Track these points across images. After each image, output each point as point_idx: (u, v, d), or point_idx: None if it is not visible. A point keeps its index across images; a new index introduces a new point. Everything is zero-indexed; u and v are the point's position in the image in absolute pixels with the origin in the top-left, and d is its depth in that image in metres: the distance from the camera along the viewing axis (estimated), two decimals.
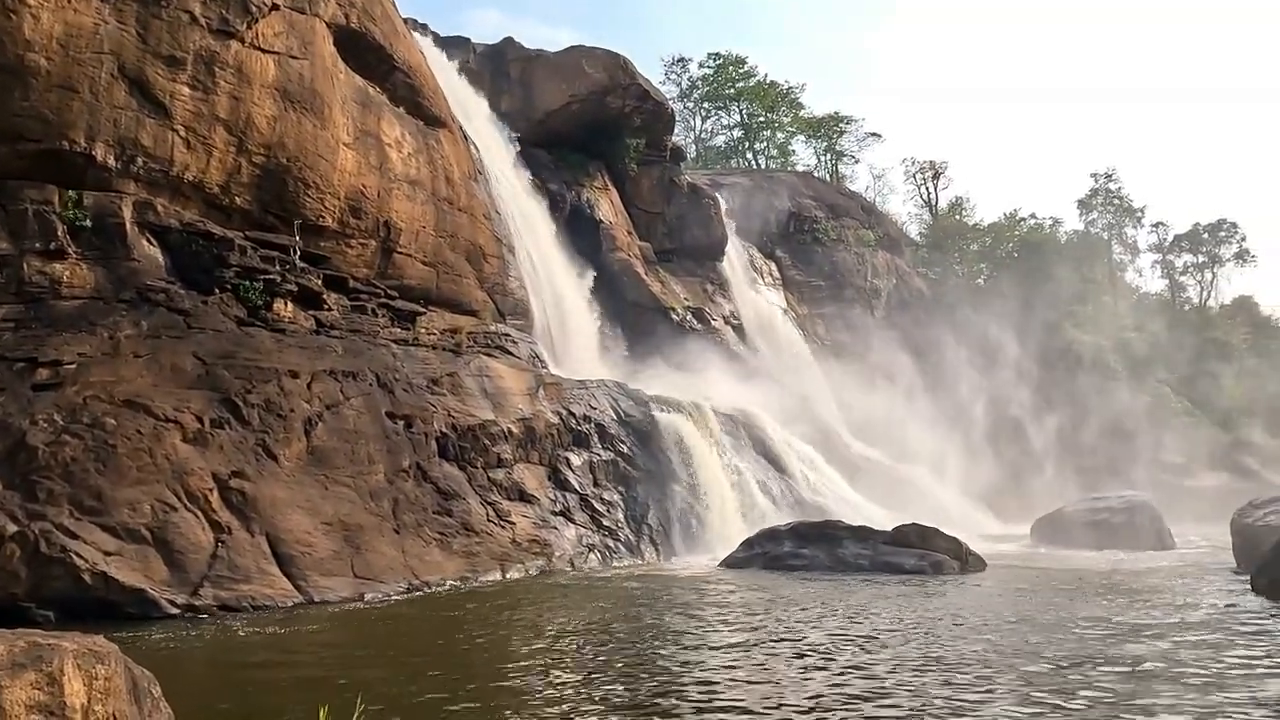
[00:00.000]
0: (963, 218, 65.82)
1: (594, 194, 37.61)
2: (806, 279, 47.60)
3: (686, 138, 60.96)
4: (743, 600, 14.83)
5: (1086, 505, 28.23)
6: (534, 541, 19.62)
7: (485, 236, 27.33)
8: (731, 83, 62.39)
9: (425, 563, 16.90)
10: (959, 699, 7.88)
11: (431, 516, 18.14)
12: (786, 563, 19.16)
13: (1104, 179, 67.16)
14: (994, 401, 43.80)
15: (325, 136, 21.72)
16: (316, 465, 16.88)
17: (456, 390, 21.52)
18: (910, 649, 10.26)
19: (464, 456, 20.07)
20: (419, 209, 24.60)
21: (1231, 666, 9.00)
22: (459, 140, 27.62)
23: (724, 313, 40.34)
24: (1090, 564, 20.65)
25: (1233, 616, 12.24)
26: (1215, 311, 69.40)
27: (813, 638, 11.01)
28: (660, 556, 21.99)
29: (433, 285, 25.26)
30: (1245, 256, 70.61)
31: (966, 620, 12.35)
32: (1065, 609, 13.20)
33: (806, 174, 58.55)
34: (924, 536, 19.38)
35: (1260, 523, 18.37)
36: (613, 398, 25.07)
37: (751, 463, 26.91)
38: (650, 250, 39.27)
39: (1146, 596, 14.49)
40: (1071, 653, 9.76)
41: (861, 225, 52.09)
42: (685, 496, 23.76)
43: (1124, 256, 70.41)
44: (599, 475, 22.84)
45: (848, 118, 64.44)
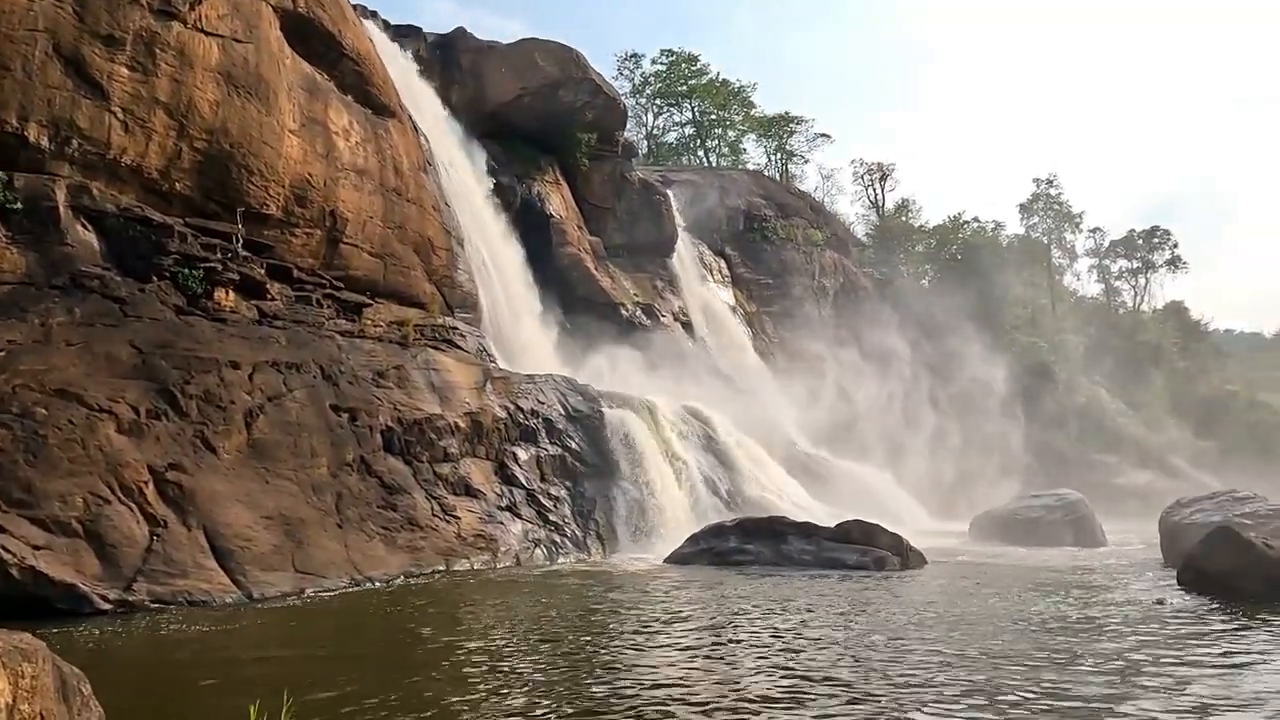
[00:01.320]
0: (909, 219, 66.95)
1: (545, 188, 37.43)
2: (755, 277, 47.99)
3: (638, 134, 61.04)
4: (687, 597, 14.91)
5: (1022, 503, 28.96)
6: (480, 536, 19.50)
7: (434, 228, 27.04)
8: (684, 80, 62.58)
9: (368, 557, 16.69)
10: (900, 693, 8.03)
11: (376, 511, 17.91)
12: (732, 558, 19.30)
13: (1045, 184, 68.85)
14: (935, 400, 44.64)
15: (270, 123, 21.29)
16: (257, 458, 16.56)
17: (403, 383, 21.27)
18: (851, 645, 10.42)
19: (410, 450, 19.85)
20: (366, 199, 24.24)
21: (1158, 658, 9.31)
22: (408, 130, 27.28)
23: (673, 309, 40.47)
24: (1026, 560, 21.18)
25: (1159, 611, 12.65)
26: (1148, 316, 71.65)
27: (756, 634, 11.12)
28: (606, 552, 22.01)
29: (380, 277, 24.92)
30: (1177, 263, 73.06)
31: (907, 616, 12.58)
32: (1002, 604, 13.52)
33: (757, 173, 59.01)
34: (866, 533, 19.67)
35: (1186, 520, 19.03)
36: (561, 393, 25.00)
37: (699, 459, 27.04)
38: (601, 245, 39.23)
39: (1078, 592, 14.90)
40: (1007, 647, 10.00)
41: (810, 225, 52.66)
42: (632, 492, 23.80)
43: (1063, 260, 72.32)
44: (546, 470, 22.77)
45: (798, 118, 65.21)
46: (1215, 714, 7.25)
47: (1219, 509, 19.15)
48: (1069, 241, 71.85)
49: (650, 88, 63.19)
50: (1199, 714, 7.25)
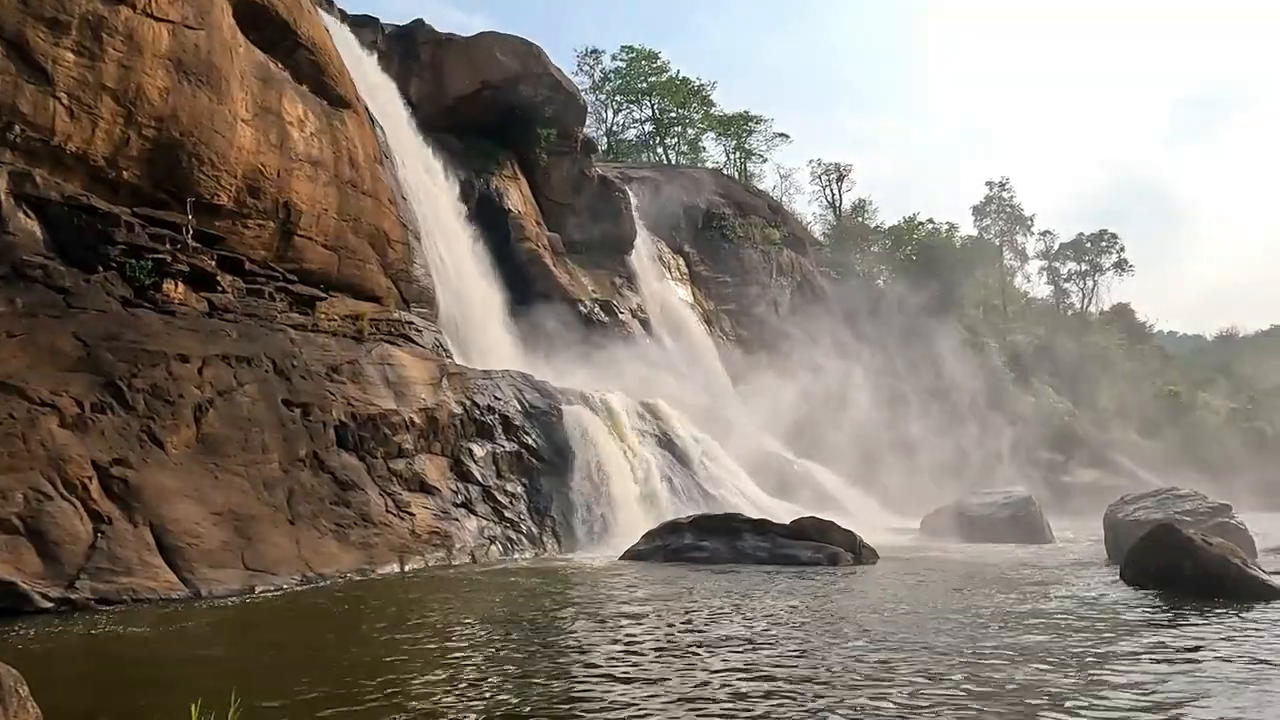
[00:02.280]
0: (865, 220, 67.71)
1: (503, 183, 37.22)
2: (713, 275, 48.21)
3: (598, 130, 60.89)
4: (643, 593, 14.94)
5: (973, 500, 29.45)
6: (434, 533, 19.35)
7: (390, 221, 26.74)
8: (644, 77, 62.60)
9: (320, 554, 16.47)
10: (851, 687, 8.13)
11: (328, 507, 17.69)
12: (687, 555, 19.38)
13: (998, 187, 70.07)
14: (889, 398, 45.20)
15: (222, 111, 20.88)
16: (206, 453, 16.25)
17: (357, 378, 21.02)
18: (802, 639, 10.52)
19: (364, 446, 19.63)
20: (321, 191, 23.90)
21: (1102, 652, 9.54)
22: (365, 122, 26.94)
23: (631, 306, 40.49)
24: (975, 556, 21.55)
25: (1103, 606, 12.96)
26: (1095, 317, 73.28)
27: (711, 631, 11.18)
28: (562, 549, 21.97)
29: (334, 270, 24.59)
30: (1124, 266, 74.87)
31: (858, 611, 12.75)
32: (951, 599, 13.75)
33: (716, 171, 59.24)
34: (820, 529, 19.88)
35: (1130, 518, 19.49)
36: (518, 389, 24.89)
37: (655, 455, 27.10)
38: (559, 241, 39.11)
39: (1026, 587, 15.21)
40: (956, 642, 10.17)
41: (768, 224, 52.99)
42: (589, 489, 23.77)
43: (1014, 262, 73.64)
44: (502, 467, 22.66)
45: (757, 117, 65.58)
46: (1155, 704, 7.44)
47: (1160, 507, 19.64)
48: (1020, 243, 73.33)
49: (610, 84, 63.14)
50: (1140, 704, 7.44)
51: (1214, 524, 18.10)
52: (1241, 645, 9.85)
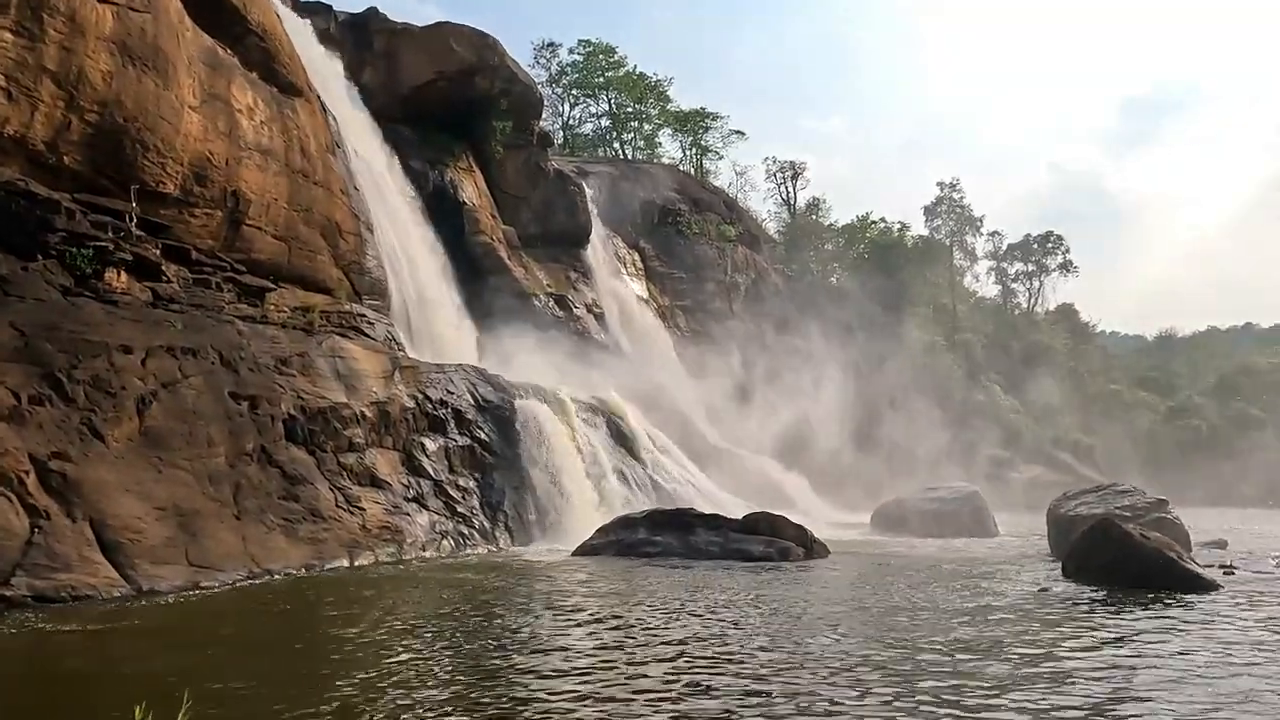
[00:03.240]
0: (819, 218, 68.35)
1: (458, 175, 36.88)
2: (669, 270, 48.31)
3: (554, 124, 60.64)
4: (595, 588, 14.95)
5: (921, 495, 29.94)
6: (385, 528, 19.15)
7: (342, 212, 26.35)
8: (601, 71, 62.43)
9: (268, 550, 16.21)
10: (800, 678, 8.22)
11: (276, 502, 17.40)
12: (640, 550, 19.42)
13: (949, 188, 71.16)
14: (841, 394, 45.74)
15: (168, 97, 20.39)
16: (150, 447, 15.87)
17: (307, 371, 20.69)
18: (752, 633, 10.62)
19: (313, 440, 19.35)
20: (271, 180, 23.46)
21: (1043, 644, 9.77)
22: (317, 111, 26.50)
23: (586, 300, 40.42)
24: (923, 550, 21.92)
25: (1045, 599, 13.27)
26: (1041, 317, 74.84)
27: (662, 626, 11.23)
28: (515, 543, 21.89)
29: (284, 260, 24.16)
30: (1069, 267, 76.53)
31: (808, 604, 12.91)
32: (898, 594, 13.98)
33: (672, 167, 59.35)
34: (772, 524, 20.05)
35: (1071, 513, 19.97)
36: (471, 383, 24.71)
37: (609, 451, 27.12)
38: (514, 235, 38.88)
39: (972, 581, 15.51)
40: (902, 635, 10.34)
41: (723, 220, 53.25)
42: (542, 484, 23.70)
43: (964, 262, 74.88)
44: (455, 461, 22.49)
45: (713, 114, 65.78)
46: (1091, 693, 7.65)
47: (1101, 502, 20.15)
48: (970, 244, 74.56)
49: (567, 78, 62.87)
50: (1078, 693, 7.64)
51: (1152, 519, 18.60)
52: (1174, 636, 10.16)
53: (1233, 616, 11.39)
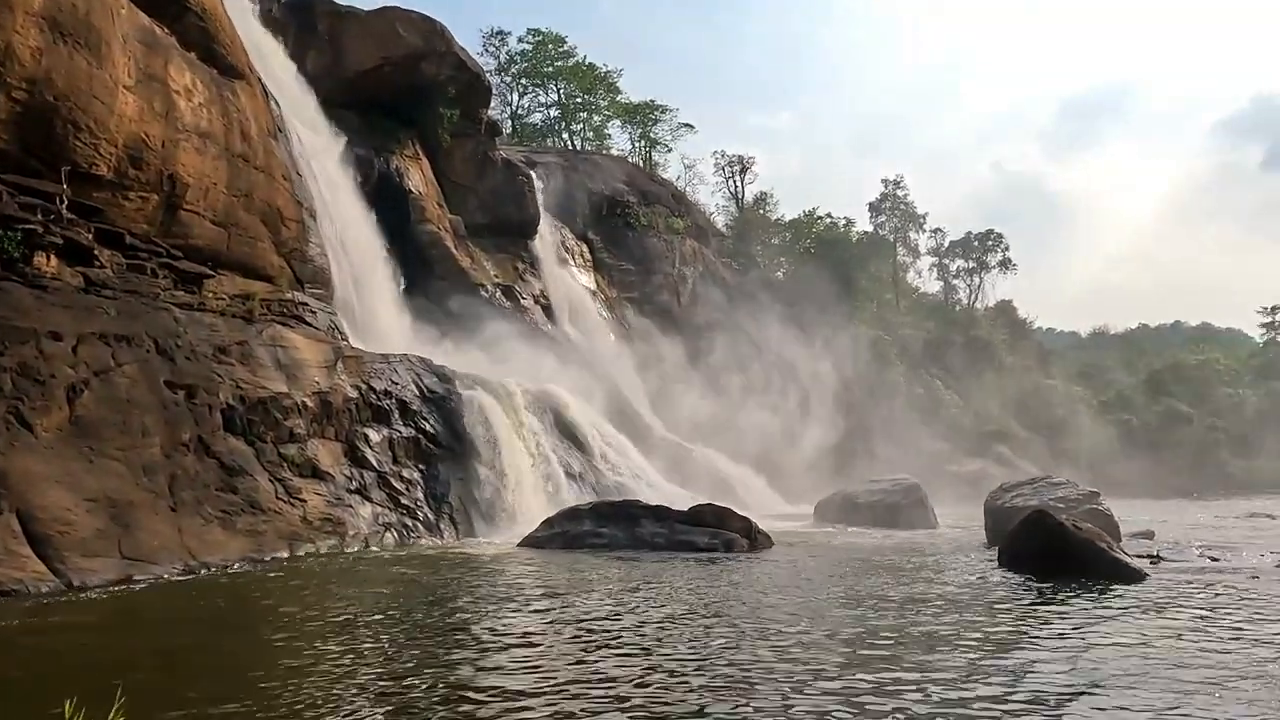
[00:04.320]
0: (766, 212, 68.86)
1: (404, 162, 36.39)
2: (617, 262, 48.28)
3: (503, 113, 60.08)
4: (539, 580, 14.92)
5: (863, 487, 30.39)
6: (327, 520, 18.87)
7: (284, 198, 25.81)
8: (550, 61, 62.04)
9: (205, 542, 15.86)
10: (741, 670, 8.31)
11: (214, 493, 17.04)
12: (586, 542, 19.43)
13: (893, 185, 72.24)
14: (786, 387, 46.24)
15: (102, 76, 19.74)
16: (81, 437, 15.41)
17: (246, 360, 20.26)
18: (693, 623, 10.70)
19: (252, 430, 18.97)
20: (210, 164, 22.88)
21: (979, 632, 10.01)
22: (258, 94, 25.90)
23: (534, 291, 40.24)
24: (865, 541, 22.29)
25: (981, 588, 13.59)
26: (981, 313, 76.42)
27: (607, 618, 11.25)
28: (460, 535, 21.73)
29: (223, 247, 23.60)
30: (1008, 265, 78.25)
31: (751, 595, 13.05)
32: (839, 584, 14.19)
33: (621, 159, 59.28)
34: (717, 516, 20.20)
35: (1008, 504, 20.47)
36: (416, 373, 24.44)
37: (555, 442, 27.05)
38: (461, 224, 38.51)
39: (910, 571, 15.81)
40: (842, 625, 10.51)
41: (672, 213, 53.35)
42: (488, 475, 23.56)
43: (907, 258, 76.10)
44: (399, 452, 22.23)
45: (663, 106, 65.78)
46: (1025, 678, 7.86)
47: (1036, 493, 20.69)
48: (913, 240, 75.80)
49: (516, 66, 62.32)
50: (1010, 680, 7.84)
51: (1084, 510, 19.16)
52: (1101, 623, 10.48)
53: (1157, 604, 11.79)
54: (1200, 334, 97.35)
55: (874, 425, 49.71)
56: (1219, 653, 8.93)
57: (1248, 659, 8.61)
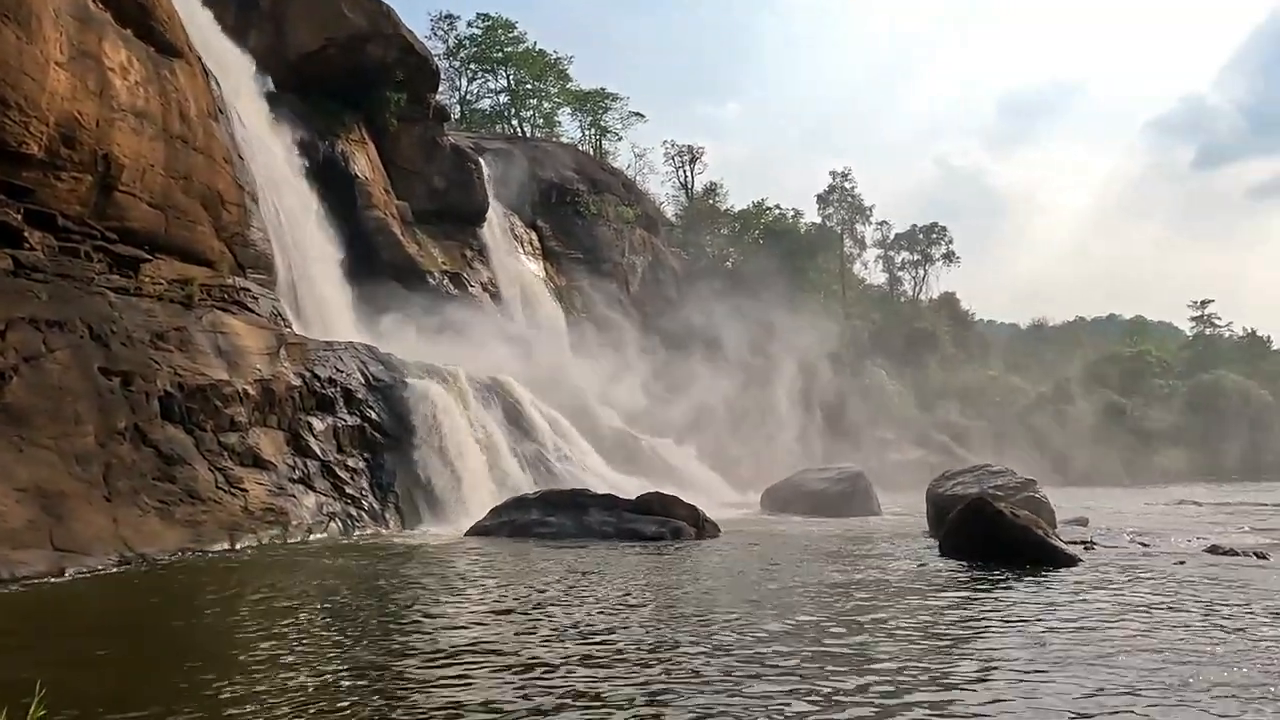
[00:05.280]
0: (716, 203, 69.15)
1: (350, 147, 35.76)
2: (566, 250, 48.10)
3: (451, 98, 59.39)
4: (485, 569, 14.86)
5: (809, 476, 30.79)
6: (269, 510, 18.55)
7: (225, 181, 25.19)
8: (500, 46, 61.44)
9: (142, 533, 15.49)
10: (685, 657, 8.38)
11: (151, 483, 16.64)
12: (534, 530, 19.38)
13: (841, 177, 73.04)
14: (734, 377, 46.59)
15: (31, 52, 19.03)
16: (10, 425, 14.92)
17: (185, 346, 19.79)
18: (639, 610, 10.75)
19: (192, 419, 18.55)
20: (147, 144, 22.22)
21: (919, 617, 10.22)
22: (198, 73, 25.20)
23: (482, 279, 39.91)
24: (810, 529, 22.59)
25: (922, 574, 13.87)
26: (925, 305, 77.76)
27: (554, 607, 11.25)
28: (406, 525, 21.53)
29: (161, 230, 22.95)
30: (951, 257, 79.71)
31: (697, 582, 13.16)
32: (784, 571, 14.38)
33: (571, 146, 59.00)
34: (665, 504, 20.30)
35: (948, 492, 20.86)
36: (361, 361, 24.10)
37: (504, 431, 26.90)
38: (408, 210, 38.00)
39: (853, 558, 16.07)
40: (786, 611, 10.65)
41: (622, 202, 53.30)
42: (435, 464, 23.35)
43: (854, 250, 77.03)
44: (343, 441, 21.93)
45: (613, 94, 65.61)
46: (962, 662, 8.06)
47: (976, 482, 21.11)
48: (860, 232, 76.74)
49: (465, 51, 61.59)
50: (947, 663, 8.04)
51: (1022, 497, 19.61)
52: (1036, 606, 10.78)
53: (1088, 588, 12.16)
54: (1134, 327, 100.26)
55: (820, 414, 50.34)
56: (1145, 633, 9.25)
57: (1172, 638, 8.92)
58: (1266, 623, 9.72)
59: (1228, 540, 18.39)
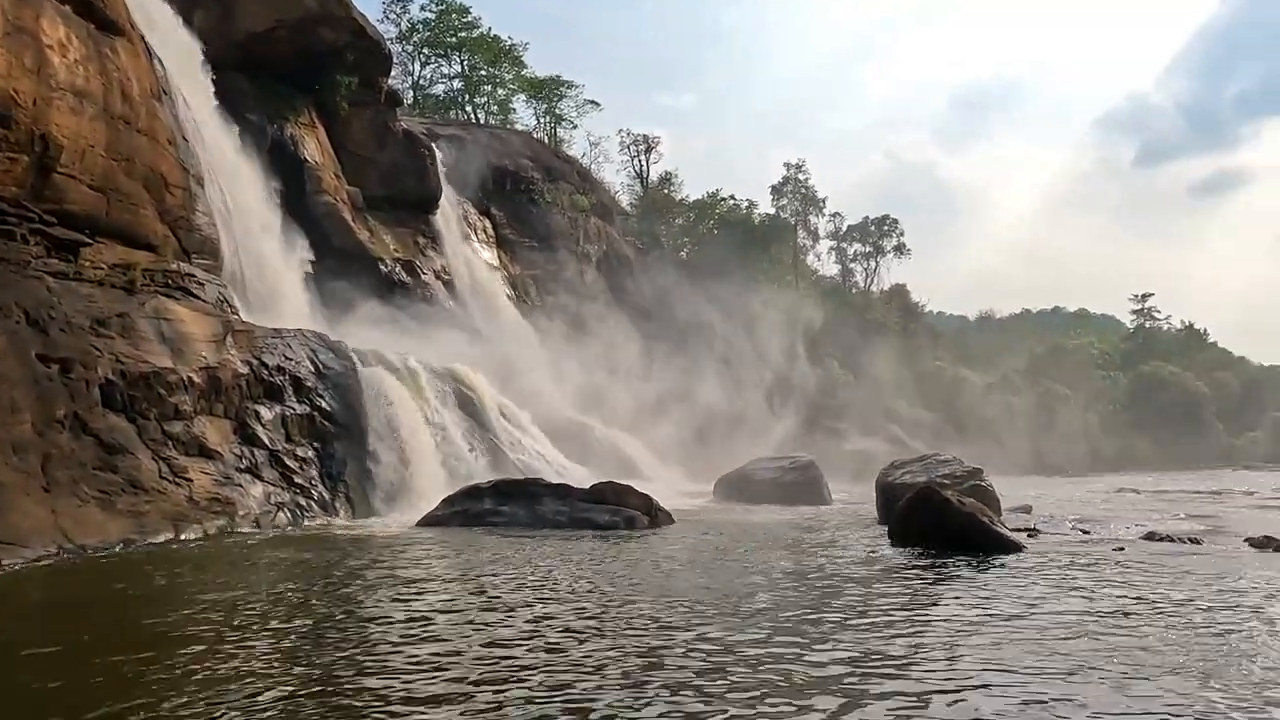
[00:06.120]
0: (671, 193, 69.23)
1: (300, 130, 35.10)
2: (520, 239, 47.80)
3: (404, 82, 58.58)
4: (436, 559, 14.76)
5: (761, 465, 31.06)
6: (215, 500, 18.20)
7: (169, 164, 24.55)
8: (454, 31, 60.71)
9: (82, 524, 15.10)
10: (637, 645, 8.41)
11: (91, 473, 16.22)
12: (486, 520, 19.29)
13: (795, 169, 73.54)
14: (687, 366, 46.77)
15: None
16: None
17: (127, 333, 19.30)
18: (592, 600, 10.77)
19: (134, 407, 18.10)
20: (87, 125, 21.56)
21: (869, 603, 10.38)
22: (141, 52, 24.50)
23: (435, 267, 39.50)
24: (761, 518, 22.81)
25: (871, 561, 14.09)
26: (876, 296, 78.76)
27: (506, 598, 11.22)
28: (357, 515, 21.29)
29: (102, 213, 22.29)
30: (902, 249, 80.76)
31: (650, 572, 13.21)
32: (736, 559, 14.51)
33: (526, 134, 58.60)
34: (618, 493, 20.33)
35: (897, 481, 21.20)
36: (311, 349, 23.73)
37: (457, 420, 26.72)
38: (359, 196, 37.42)
39: (804, 546, 16.27)
40: (739, 598, 10.75)
41: (577, 190, 53.09)
42: (387, 454, 23.10)
43: (807, 241, 77.68)
44: (292, 430, 21.59)
45: (569, 82, 65.24)
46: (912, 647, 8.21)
47: (924, 470, 21.48)
48: (813, 224, 77.37)
49: (418, 35, 60.75)
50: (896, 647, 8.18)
51: (968, 486, 19.98)
52: (981, 591, 11.03)
53: (1032, 573, 12.46)
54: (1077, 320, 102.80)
55: (773, 404, 50.77)
56: (1085, 614, 9.52)
57: (1111, 621, 9.19)
58: (1200, 607, 10.06)
59: (1164, 527, 19.00)
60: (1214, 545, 16.28)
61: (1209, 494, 35.04)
